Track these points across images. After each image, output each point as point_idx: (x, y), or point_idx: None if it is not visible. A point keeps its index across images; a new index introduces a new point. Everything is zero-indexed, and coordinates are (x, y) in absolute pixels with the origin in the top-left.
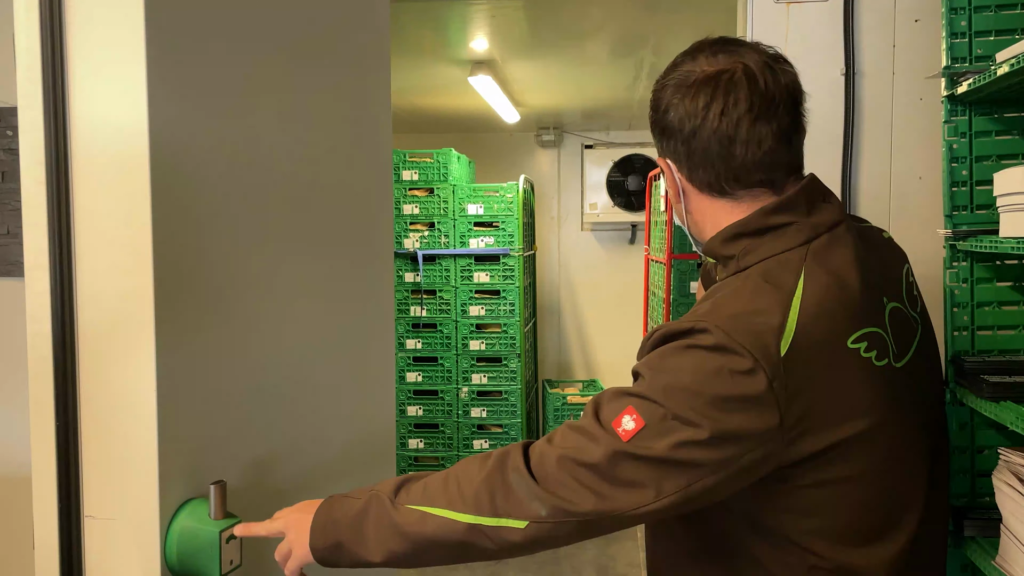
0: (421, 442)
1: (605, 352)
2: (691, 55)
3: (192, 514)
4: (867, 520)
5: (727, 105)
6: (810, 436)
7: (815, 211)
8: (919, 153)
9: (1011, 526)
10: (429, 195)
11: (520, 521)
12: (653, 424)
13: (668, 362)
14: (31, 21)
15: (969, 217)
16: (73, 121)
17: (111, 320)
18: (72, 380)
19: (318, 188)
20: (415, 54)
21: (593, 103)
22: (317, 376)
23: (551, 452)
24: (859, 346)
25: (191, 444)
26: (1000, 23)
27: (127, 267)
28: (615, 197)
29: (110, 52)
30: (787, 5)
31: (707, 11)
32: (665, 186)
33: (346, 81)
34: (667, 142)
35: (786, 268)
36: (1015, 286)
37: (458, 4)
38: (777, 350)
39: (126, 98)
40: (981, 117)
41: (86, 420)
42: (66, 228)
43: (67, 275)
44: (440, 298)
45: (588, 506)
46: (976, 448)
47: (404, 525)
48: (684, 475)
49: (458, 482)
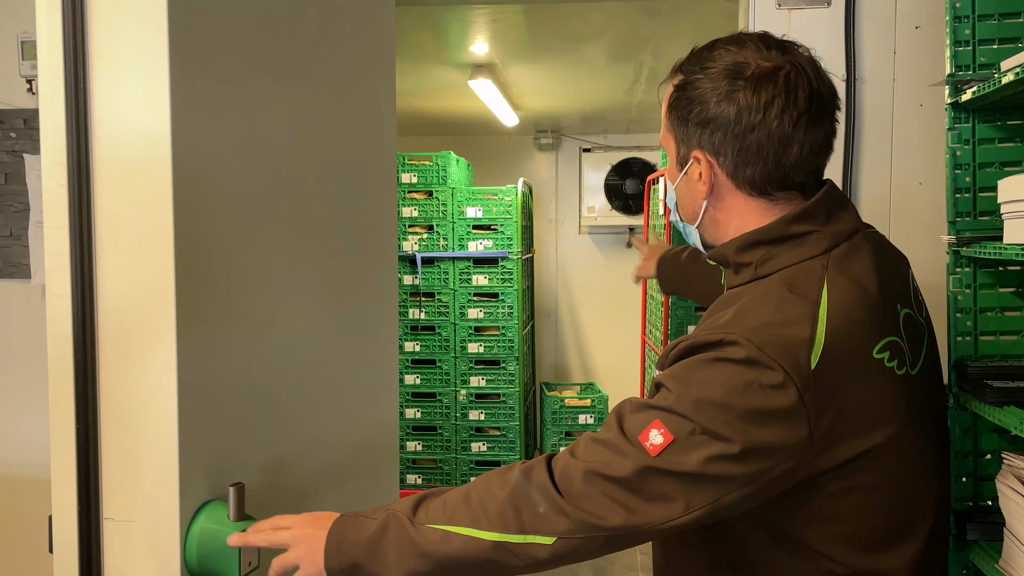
0: (419, 444)
1: (602, 355)
2: (735, 45)
3: (211, 516)
4: (886, 525)
5: (789, 103)
6: (838, 447)
7: (834, 219)
8: (919, 159)
9: (1015, 530)
10: (428, 198)
11: (548, 537)
12: (682, 439)
13: (696, 375)
14: (53, 23)
15: (972, 223)
16: (95, 123)
17: (132, 322)
18: (92, 382)
19: (327, 191)
20: (415, 57)
21: (591, 107)
22: (326, 377)
23: (576, 466)
24: (883, 356)
25: (210, 446)
26: (1003, 31)
27: (149, 269)
28: (613, 200)
29: (133, 55)
30: (788, 11)
31: (708, 16)
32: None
33: (353, 86)
34: (710, 134)
35: (809, 277)
36: (1018, 292)
37: (459, 8)
38: (807, 363)
39: (149, 101)
40: (984, 124)
41: (106, 422)
42: (87, 230)
43: (88, 277)
44: (438, 301)
45: (617, 521)
46: (979, 453)
47: (426, 545)
48: (714, 489)
49: (480, 499)
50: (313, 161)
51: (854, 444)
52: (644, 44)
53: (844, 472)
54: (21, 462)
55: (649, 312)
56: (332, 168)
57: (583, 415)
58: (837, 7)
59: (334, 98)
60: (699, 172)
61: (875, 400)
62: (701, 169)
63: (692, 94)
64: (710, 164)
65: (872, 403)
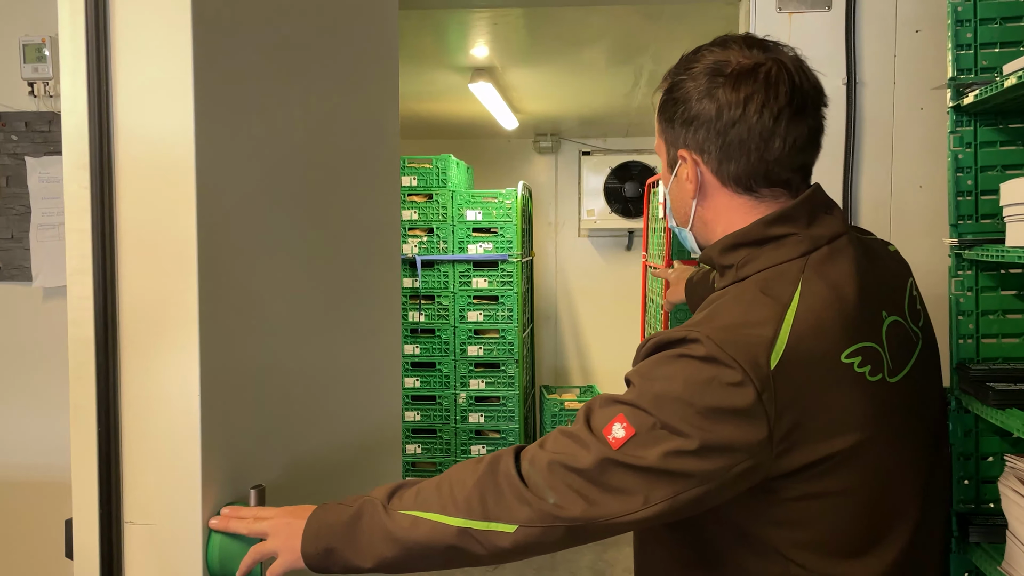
0: (419, 447)
1: (602, 358)
2: (719, 46)
3: None
4: (854, 534)
5: (768, 98)
6: (799, 449)
7: (816, 223)
8: (920, 162)
9: (1017, 532)
10: (428, 201)
11: (509, 525)
12: (643, 433)
13: (659, 370)
14: (76, 24)
15: (974, 226)
16: (117, 126)
17: (154, 324)
18: (114, 385)
19: (336, 194)
20: (416, 61)
21: (591, 110)
22: (337, 377)
23: (542, 457)
24: (852, 361)
25: (232, 447)
26: (1005, 35)
27: (171, 271)
28: (612, 203)
29: (157, 58)
30: (789, 15)
31: (708, 20)
32: (663, 189)
33: (359, 90)
34: (694, 132)
35: (784, 279)
36: (1019, 295)
37: (459, 12)
38: (767, 363)
39: (173, 103)
40: (986, 128)
41: (127, 425)
42: (110, 233)
43: (111, 280)
44: (438, 303)
45: (576, 511)
46: (981, 455)
47: (396, 530)
48: (672, 485)
49: (451, 486)
50: (324, 165)
51: (816, 448)
52: (644, 48)
53: (806, 477)
54: (18, 464)
55: (648, 315)
56: (341, 172)
57: None
58: (838, 11)
59: (342, 103)
60: (687, 172)
61: (840, 405)
62: (688, 168)
63: (676, 95)
64: (695, 162)
65: (836, 407)
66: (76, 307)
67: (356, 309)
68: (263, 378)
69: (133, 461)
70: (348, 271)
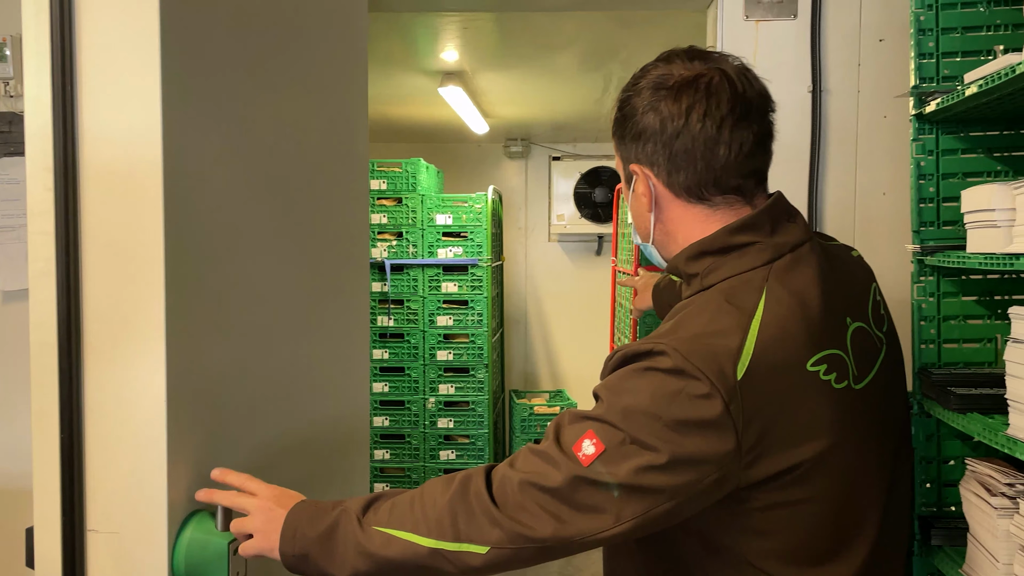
0: (387, 453)
1: (571, 362)
2: (663, 61)
3: (199, 526)
4: (821, 541)
5: (710, 107)
6: (767, 458)
7: (779, 230)
8: (883, 169)
9: (978, 535)
10: (397, 205)
11: (481, 547)
12: (612, 448)
13: (627, 384)
14: (40, 25)
15: (936, 233)
16: (83, 127)
17: (119, 329)
18: (78, 390)
19: (305, 197)
20: (385, 64)
21: (561, 115)
22: (305, 381)
23: (513, 476)
24: (818, 369)
25: (198, 453)
26: (966, 44)
27: (137, 275)
28: (582, 209)
29: (123, 57)
30: (756, 23)
31: (678, 27)
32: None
33: (329, 94)
34: (643, 146)
35: (748, 288)
36: (980, 300)
37: (428, 16)
38: (734, 373)
39: (140, 104)
40: (948, 136)
41: (91, 431)
42: (74, 235)
43: (74, 283)
44: (408, 308)
45: (547, 531)
46: (942, 459)
47: (369, 546)
48: (643, 500)
49: (423, 505)
50: (293, 168)
51: (784, 457)
52: (615, 54)
53: (774, 485)
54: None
55: (618, 320)
56: (310, 175)
57: None
58: (803, 19)
59: (312, 106)
60: (641, 186)
61: (807, 412)
62: (641, 182)
63: (625, 111)
64: (647, 176)
65: (803, 415)
66: (39, 311)
67: (325, 312)
68: (230, 383)
69: (96, 468)
70: (317, 274)
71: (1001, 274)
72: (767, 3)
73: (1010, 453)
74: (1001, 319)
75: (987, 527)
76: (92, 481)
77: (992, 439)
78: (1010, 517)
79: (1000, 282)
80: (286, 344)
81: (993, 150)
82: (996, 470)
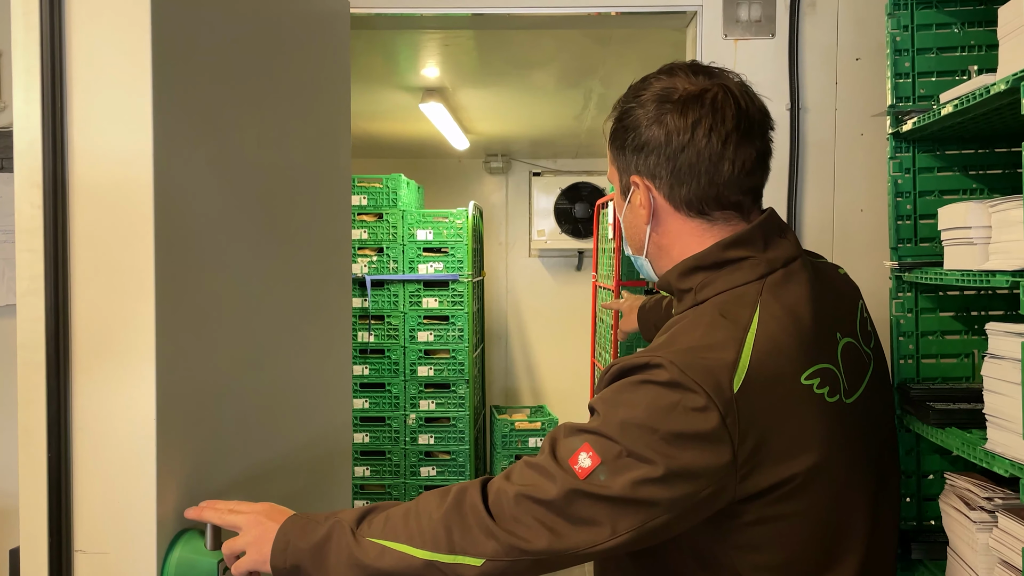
0: (367, 470)
1: (552, 378)
2: (666, 74)
3: (187, 545)
4: (812, 555)
5: (716, 122)
6: (761, 472)
7: (771, 246)
8: (861, 186)
9: (958, 549)
10: (378, 220)
11: (476, 559)
12: (608, 461)
13: (623, 397)
14: (30, 41)
15: (913, 249)
16: (73, 144)
17: (108, 347)
18: (66, 409)
19: (290, 213)
20: (366, 80)
21: (541, 132)
22: (290, 398)
23: (508, 489)
24: (812, 382)
25: (186, 472)
26: (941, 64)
27: (127, 293)
28: (563, 224)
29: (115, 72)
30: (735, 41)
31: (656, 45)
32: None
33: (313, 111)
34: (645, 158)
35: (742, 302)
36: (957, 316)
37: (409, 33)
38: (730, 386)
39: (131, 120)
40: (924, 154)
41: (79, 450)
42: (63, 253)
43: (63, 301)
44: (388, 324)
45: (542, 544)
46: (922, 473)
47: (363, 558)
48: (639, 514)
49: (418, 517)
50: (278, 183)
51: (778, 470)
52: (594, 71)
53: (768, 500)
54: None
55: (599, 335)
56: (294, 191)
57: (533, 438)
58: (781, 38)
59: (296, 122)
60: (640, 198)
61: (800, 426)
62: (640, 194)
63: (626, 122)
64: (648, 188)
65: (797, 429)
66: (26, 329)
67: (309, 328)
68: (219, 401)
69: (84, 487)
70: (302, 290)
71: (977, 290)
72: (745, 22)
73: (988, 467)
74: (978, 334)
75: (967, 541)
76: (80, 501)
77: (971, 453)
78: (989, 531)
79: (977, 298)
80: (272, 360)
81: (968, 168)
82: (975, 484)
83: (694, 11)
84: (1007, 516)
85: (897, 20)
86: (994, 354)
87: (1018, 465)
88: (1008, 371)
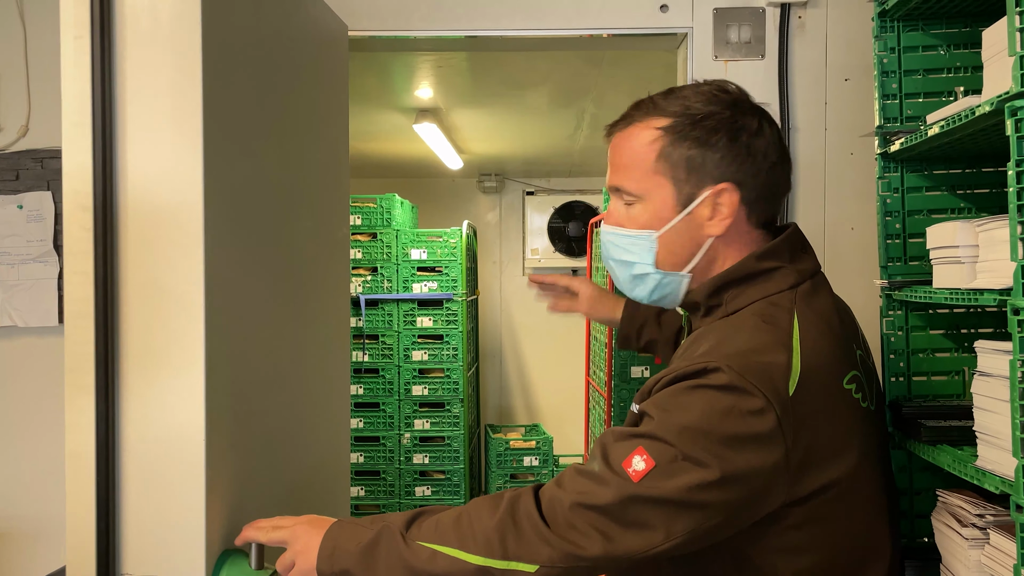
0: (362, 490)
1: (547, 396)
2: (711, 85)
3: (233, 566)
4: (848, 559)
5: (777, 137)
6: (810, 473)
7: (797, 258)
8: (851, 205)
9: (951, 566)
10: (372, 240)
11: (530, 565)
12: (664, 464)
13: (677, 401)
14: (81, 65)
15: (903, 268)
16: (123, 168)
17: (157, 370)
18: (115, 433)
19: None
20: (361, 101)
21: (535, 151)
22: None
23: (562, 496)
24: (851, 387)
25: (232, 494)
26: (928, 86)
27: (177, 315)
28: (556, 243)
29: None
30: (725, 62)
31: (648, 66)
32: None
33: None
34: (739, 165)
35: (779, 309)
36: (947, 334)
37: (404, 55)
38: (786, 389)
39: (182, 145)
40: (912, 174)
41: (127, 472)
42: (112, 275)
43: (112, 324)
44: (382, 343)
45: (596, 550)
46: (914, 490)
47: (414, 561)
48: (694, 516)
49: (470, 522)
50: (292, 204)
51: (824, 472)
52: (586, 92)
53: (815, 502)
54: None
55: (593, 353)
56: (303, 211)
57: (528, 457)
58: (771, 59)
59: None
60: (710, 210)
61: (843, 430)
62: (721, 203)
63: (712, 127)
64: (731, 199)
65: (841, 432)
66: (74, 353)
67: (314, 348)
68: (255, 423)
69: (133, 511)
70: (307, 310)
71: (966, 308)
72: (736, 43)
73: (979, 484)
74: (968, 352)
75: (959, 558)
76: (127, 524)
77: (962, 471)
78: (981, 548)
79: (966, 316)
80: (289, 379)
81: (956, 187)
82: (967, 501)
83: (684, 33)
84: (998, 533)
85: (884, 42)
86: (983, 372)
87: (1008, 482)
88: (997, 388)
